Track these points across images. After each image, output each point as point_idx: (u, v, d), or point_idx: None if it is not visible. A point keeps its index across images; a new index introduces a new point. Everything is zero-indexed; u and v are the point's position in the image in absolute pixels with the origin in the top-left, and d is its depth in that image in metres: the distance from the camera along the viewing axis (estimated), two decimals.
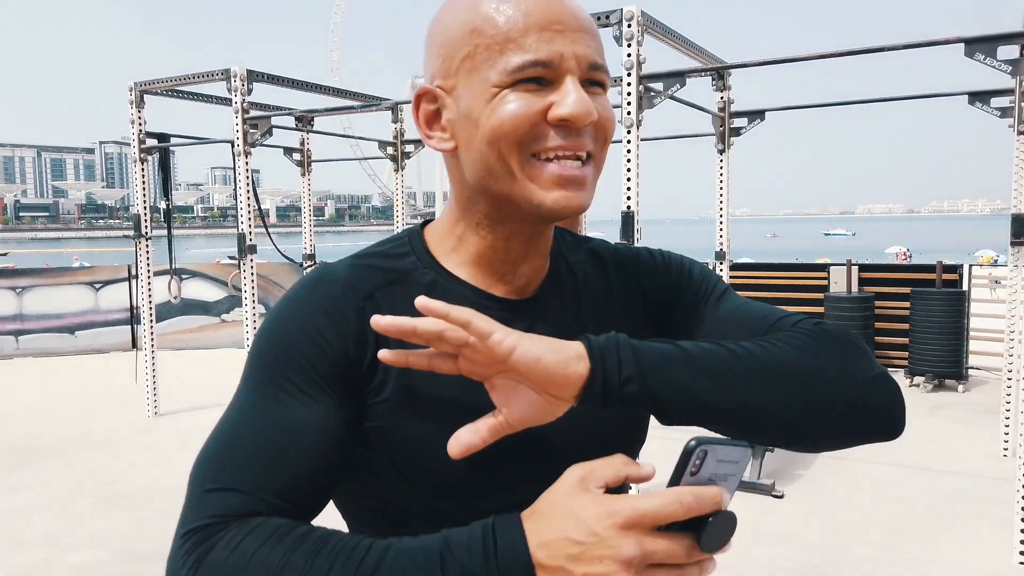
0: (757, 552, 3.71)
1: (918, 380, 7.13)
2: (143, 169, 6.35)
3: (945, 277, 7.43)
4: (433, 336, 0.64)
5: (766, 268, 8.96)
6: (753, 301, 0.86)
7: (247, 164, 5.73)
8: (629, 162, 4.20)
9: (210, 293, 9.98)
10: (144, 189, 6.39)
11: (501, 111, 0.70)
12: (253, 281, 5.84)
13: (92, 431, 6.02)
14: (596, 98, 0.73)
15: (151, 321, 6.46)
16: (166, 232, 6.72)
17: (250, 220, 5.76)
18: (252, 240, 5.80)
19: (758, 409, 0.68)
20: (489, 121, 0.70)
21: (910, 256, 33.15)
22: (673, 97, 4.48)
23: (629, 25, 4.14)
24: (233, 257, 5.92)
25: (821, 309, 7.92)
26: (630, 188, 4.20)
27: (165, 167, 6.42)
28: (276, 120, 6.15)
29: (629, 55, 4.15)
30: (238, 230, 5.77)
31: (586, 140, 0.72)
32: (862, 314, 7.58)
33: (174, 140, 6.52)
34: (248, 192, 5.74)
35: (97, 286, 9.71)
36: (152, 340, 6.47)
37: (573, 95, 0.69)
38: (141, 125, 6.24)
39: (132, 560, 3.70)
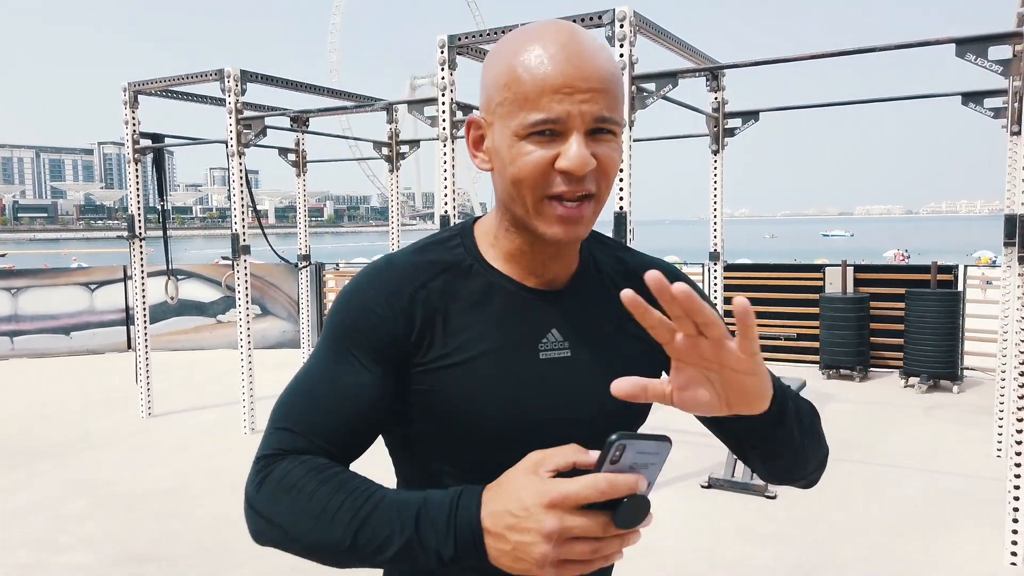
0: (750, 553, 3.71)
1: (913, 381, 7.13)
2: (137, 170, 6.34)
3: (940, 278, 7.43)
4: (681, 315, 0.72)
5: (762, 269, 8.95)
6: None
7: (241, 164, 5.72)
8: (621, 163, 4.19)
9: (206, 294, 9.97)
10: (138, 190, 6.38)
11: (520, 161, 0.85)
12: (247, 282, 5.83)
13: (86, 432, 6.00)
14: (601, 143, 0.85)
15: (145, 322, 6.45)
16: (162, 233, 6.71)
17: (244, 221, 5.76)
18: (246, 241, 5.79)
19: (807, 450, 0.94)
20: (511, 167, 0.86)
21: (908, 257, 33.17)
22: (666, 97, 4.48)
23: (621, 25, 4.14)
24: (227, 257, 5.91)
25: (817, 310, 7.92)
26: (623, 189, 4.20)
27: (160, 168, 6.40)
28: (272, 121, 6.15)
29: (621, 55, 4.15)
30: (231, 231, 5.77)
31: (587, 184, 0.85)
32: (857, 315, 7.58)
33: (168, 140, 6.51)
34: (242, 192, 5.73)
35: (93, 287, 9.70)
36: (146, 341, 6.45)
37: (574, 149, 0.83)
38: (135, 125, 6.24)
39: (124, 562, 3.69)
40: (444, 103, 4.76)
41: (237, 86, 5.61)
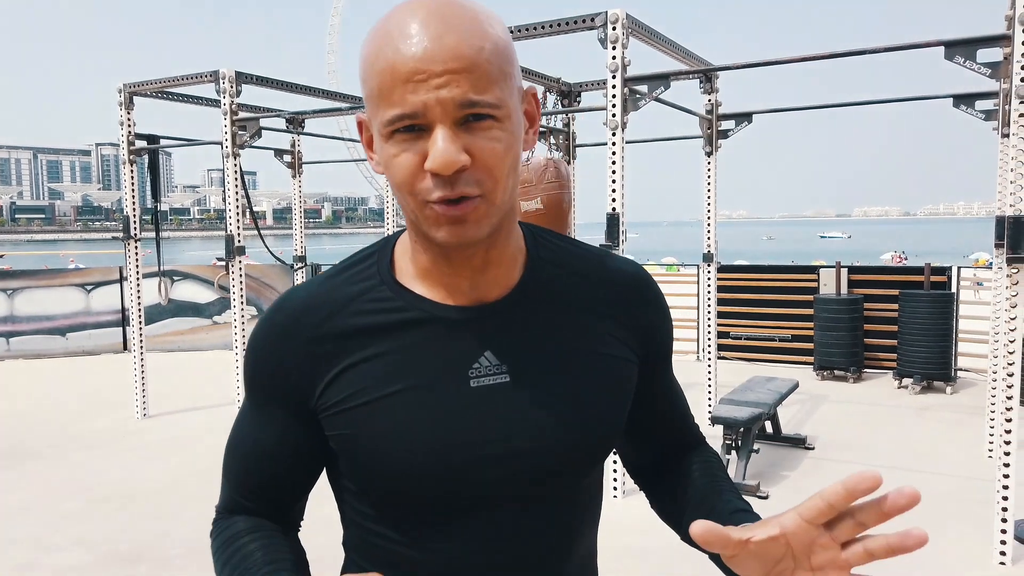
0: None
1: (906, 382, 7.15)
2: (133, 171, 6.35)
3: (934, 279, 7.45)
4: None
5: (757, 270, 8.97)
6: (675, 378, 0.99)
7: (236, 165, 5.73)
8: (614, 164, 4.22)
9: (201, 295, 9.97)
10: (134, 191, 6.39)
11: (392, 165, 0.74)
12: (241, 282, 5.84)
13: (80, 433, 6.01)
14: (478, 134, 0.71)
15: (140, 323, 6.46)
16: (155, 234, 6.72)
17: (238, 221, 5.77)
18: (240, 241, 5.80)
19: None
20: (388, 172, 0.75)
21: (905, 259, 33.27)
22: (659, 99, 4.50)
23: (614, 28, 4.16)
24: (221, 258, 5.93)
25: (811, 311, 7.95)
26: (615, 190, 4.22)
27: (154, 169, 6.42)
28: (268, 122, 6.16)
29: (614, 58, 4.17)
30: (226, 231, 5.78)
31: (463, 186, 0.71)
32: (851, 316, 7.60)
33: (163, 142, 6.52)
34: (237, 193, 5.75)
35: (88, 288, 9.70)
36: (141, 342, 6.46)
37: (438, 146, 0.70)
38: (130, 127, 6.25)
39: (116, 562, 3.69)
40: None
41: (232, 87, 5.62)
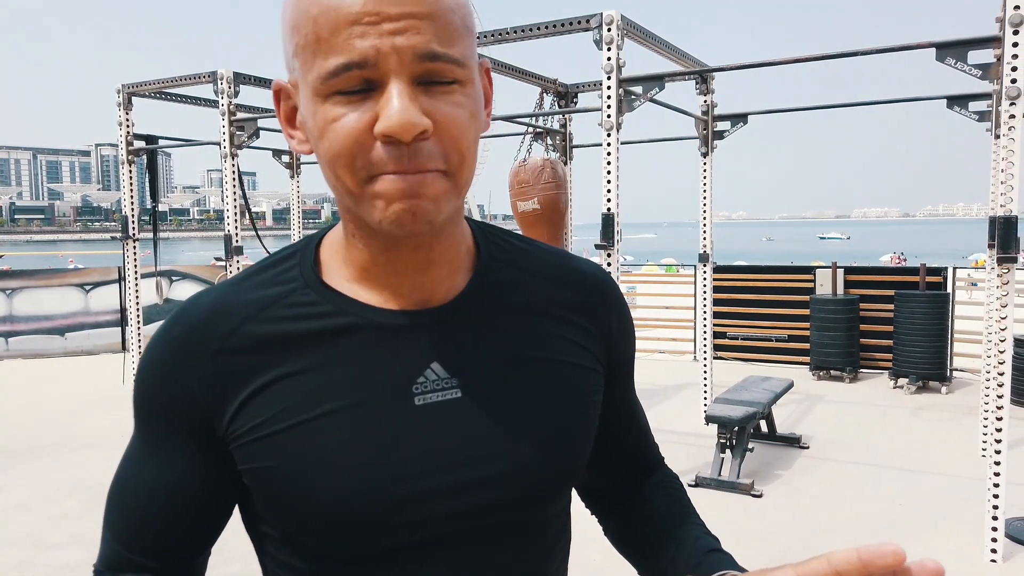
0: (733, 550, 3.69)
1: (902, 382, 7.18)
2: (131, 171, 6.38)
3: (929, 280, 7.48)
4: None
5: (754, 271, 9.00)
6: (636, 397, 0.90)
7: (234, 166, 5.76)
8: (609, 164, 4.24)
9: None
10: (132, 191, 6.42)
11: (328, 131, 0.60)
12: None
13: (79, 432, 6.03)
14: (439, 98, 0.60)
15: (138, 322, 6.48)
16: (153, 234, 6.74)
17: (237, 221, 5.79)
18: (239, 241, 5.83)
19: None
20: (321, 142, 0.62)
21: (905, 261, 33.31)
22: (654, 100, 4.52)
23: (609, 29, 4.19)
24: (220, 258, 5.95)
25: (807, 311, 7.97)
26: (610, 191, 4.24)
27: (152, 169, 6.44)
28: (267, 123, 6.18)
29: (609, 59, 4.19)
30: (225, 231, 5.81)
31: (424, 158, 0.60)
32: (847, 316, 7.63)
33: (162, 142, 6.55)
34: (235, 193, 5.77)
35: (87, 288, 9.72)
36: (139, 341, 6.49)
37: (394, 104, 0.58)
38: (129, 127, 6.27)
39: None
40: None
41: (230, 88, 5.65)
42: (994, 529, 3.56)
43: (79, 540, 3.94)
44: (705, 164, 5.71)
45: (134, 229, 6.38)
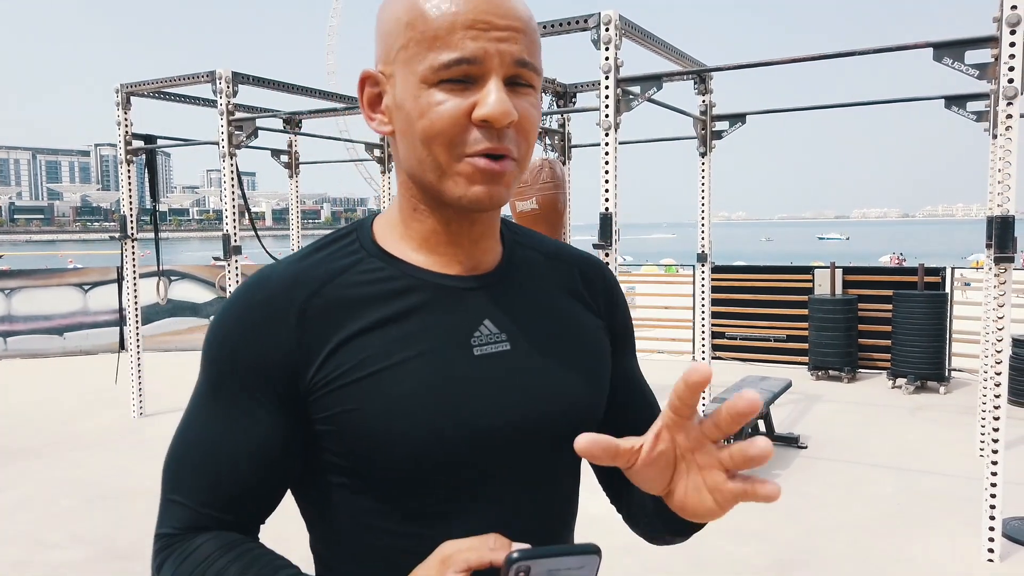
0: (730, 550, 3.75)
1: (900, 382, 7.19)
2: (130, 170, 6.38)
3: (927, 280, 7.49)
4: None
5: (752, 271, 9.01)
6: (639, 368, 0.98)
7: (232, 165, 5.76)
8: (607, 164, 4.25)
9: (199, 295, 9.99)
10: (131, 190, 6.41)
11: (431, 113, 0.72)
12: (238, 282, 5.87)
13: (77, 432, 6.03)
14: (522, 97, 0.75)
15: (137, 322, 6.48)
16: (154, 234, 6.74)
17: (235, 221, 5.80)
18: (237, 241, 5.83)
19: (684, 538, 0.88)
20: (420, 121, 0.73)
21: (904, 261, 33.30)
22: (652, 100, 4.53)
23: (607, 29, 4.19)
24: (218, 258, 5.95)
25: (805, 311, 7.98)
26: (608, 190, 4.24)
27: (152, 168, 6.44)
28: (266, 123, 6.19)
29: (607, 59, 4.20)
30: (223, 231, 5.81)
31: (508, 143, 0.74)
32: (845, 316, 7.64)
33: (161, 142, 6.55)
34: (234, 193, 5.77)
35: (86, 287, 9.72)
36: (138, 341, 6.48)
37: (493, 95, 0.71)
38: (128, 126, 6.27)
39: (112, 558, 3.72)
40: None
41: (228, 87, 5.65)
42: (991, 529, 3.56)
43: (77, 539, 3.94)
44: (703, 164, 5.72)
45: (132, 229, 6.38)
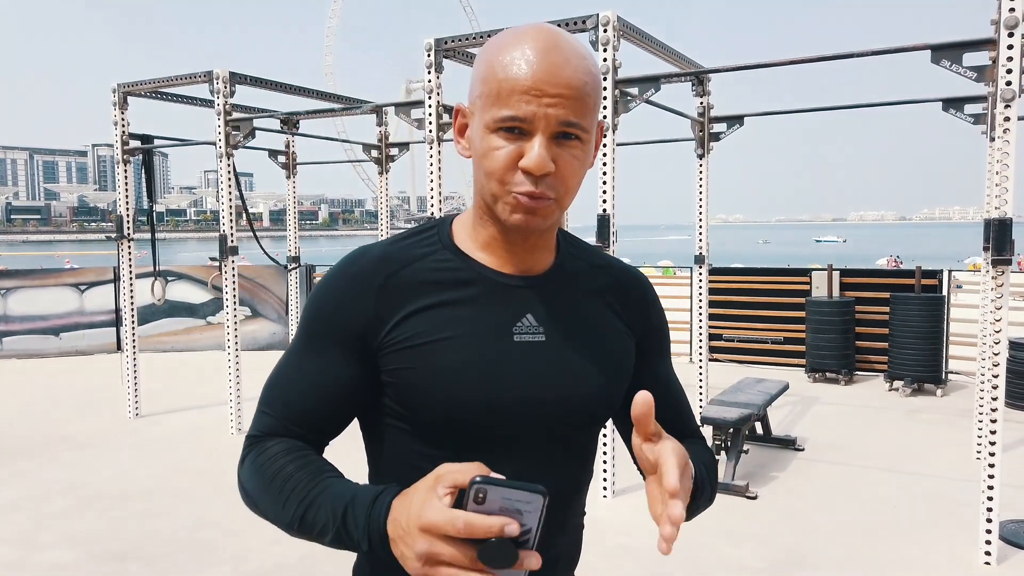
0: (727, 552, 3.74)
1: (897, 384, 7.19)
2: (127, 171, 6.36)
3: (924, 282, 7.49)
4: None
5: (750, 273, 9.01)
6: (675, 376, 1.16)
7: (230, 166, 5.74)
8: (604, 166, 4.24)
9: (196, 295, 9.97)
10: (127, 191, 6.40)
11: (491, 154, 0.90)
12: (234, 283, 5.85)
13: (72, 432, 6.01)
14: (565, 148, 0.91)
15: (133, 322, 6.46)
16: (150, 234, 6.73)
17: (232, 221, 5.78)
18: (234, 241, 5.81)
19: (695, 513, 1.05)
20: (483, 158, 0.92)
21: (901, 264, 33.32)
22: (650, 102, 4.52)
23: (605, 30, 4.19)
24: (214, 258, 5.93)
25: (803, 314, 7.98)
26: (605, 192, 4.24)
27: (148, 169, 6.42)
28: (263, 123, 6.18)
29: (605, 60, 4.19)
30: (220, 231, 5.79)
31: (545, 187, 0.90)
32: (842, 318, 7.64)
33: (158, 142, 6.53)
34: (230, 193, 5.76)
35: (82, 288, 9.69)
36: (134, 341, 6.46)
37: (535, 151, 0.88)
38: (124, 126, 6.26)
39: (105, 559, 3.70)
40: (431, 106, 4.80)
41: (226, 88, 5.64)
42: (988, 531, 3.55)
43: (71, 540, 3.92)
44: (701, 166, 5.72)
45: (129, 229, 6.36)
